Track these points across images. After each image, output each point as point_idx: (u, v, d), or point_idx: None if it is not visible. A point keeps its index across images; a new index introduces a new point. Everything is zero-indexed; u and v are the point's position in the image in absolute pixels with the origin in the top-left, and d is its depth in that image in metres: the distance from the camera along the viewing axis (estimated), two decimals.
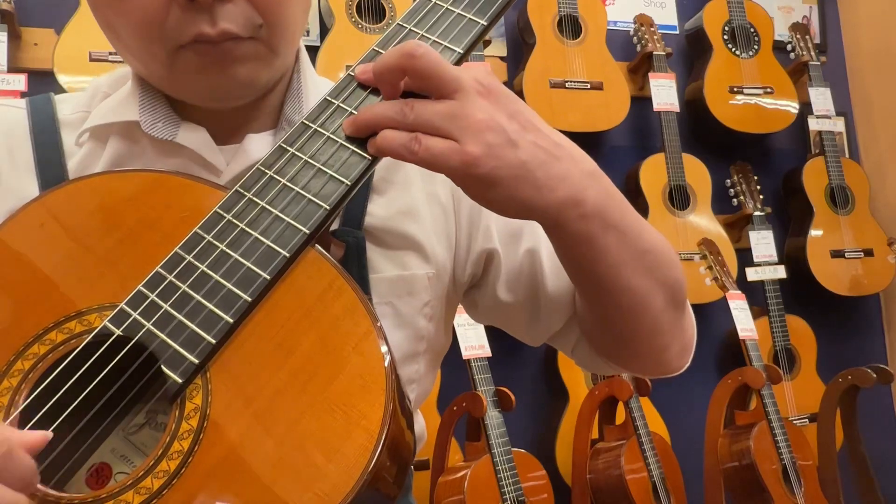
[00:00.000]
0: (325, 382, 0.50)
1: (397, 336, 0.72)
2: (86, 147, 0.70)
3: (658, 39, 2.51)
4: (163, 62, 0.63)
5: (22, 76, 1.91)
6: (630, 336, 0.72)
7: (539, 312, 0.78)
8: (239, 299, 0.53)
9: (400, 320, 0.71)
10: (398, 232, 0.72)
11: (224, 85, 0.65)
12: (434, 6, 0.62)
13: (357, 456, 0.47)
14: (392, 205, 0.73)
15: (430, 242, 0.73)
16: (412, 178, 0.75)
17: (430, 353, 0.77)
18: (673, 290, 0.71)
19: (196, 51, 0.62)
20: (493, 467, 1.85)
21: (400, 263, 0.72)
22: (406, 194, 0.74)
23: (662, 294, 0.69)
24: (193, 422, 0.50)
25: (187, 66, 0.63)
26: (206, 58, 0.62)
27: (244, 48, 0.63)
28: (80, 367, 0.51)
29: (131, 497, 0.47)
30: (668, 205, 2.41)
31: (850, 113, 2.90)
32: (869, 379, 2.20)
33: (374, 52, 0.61)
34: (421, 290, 0.73)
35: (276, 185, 0.57)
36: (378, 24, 2.23)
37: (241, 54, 0.63)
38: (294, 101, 0.72)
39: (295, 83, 0.73)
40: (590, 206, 0.59)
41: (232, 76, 0.64)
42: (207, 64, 0.62)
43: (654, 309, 0.69)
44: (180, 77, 0.64)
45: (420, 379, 0.77)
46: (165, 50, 0.62)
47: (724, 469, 2.17)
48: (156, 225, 0.58)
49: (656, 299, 0.69)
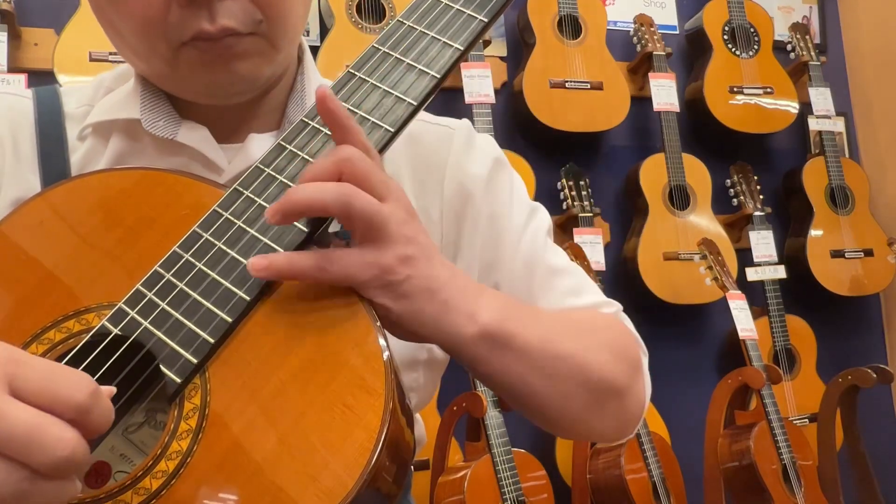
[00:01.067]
0: (324, 382, 0.50)
1: (399, 343, 0.71)
2: (88, 142, 0.70)
3: (658, 39, 2.51)
4: (166, 59, 0.63)
5: (22, 76, 1.91)
6: (556, 427, 0.72)
7: None
8: (237, 298, 0.53)
9: None
10: None
11: (226, 81, 0.65)
12: (434, 2, 0.62)
13: (357, 455, 0.47)
14: None
15: None
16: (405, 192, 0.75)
17: (431, 363, 0.77)
18: (598, 387, 0.68)
19: (197, 48, 0.62)
20: (493, 467, 1.85)
21: None
22: (407, 184, 0.74)
23: (584, 394, 0.67)
24: (192, 422, 0.49)
25: (190, 63, 0.63)
26: (208, 54, 0.62)
27: (245, 44, 0.63)
28: (78, 366, 0.51)
29: (130, 497, 0.47)
30: (668, 205, 2.41)
31: (850, 113, 2.90)
32: (869, 379, 2.20)
33: (373, 48, 0.61)
34: None
35: (275, 182, 0.57)
36: (378, 24, 2.23)
37: (242, 50, 0.63)
38: (297, 103, 0.72)
39: (298, 84, 0.73)
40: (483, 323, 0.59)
41: (234, 72, 0.64)
42: (209, 60, 0.63)
43: (574, 409, 0.68)
44: (183, 74, 0.65)
45: (419, 388, 0.76)
46: (168, 47, 0.62)
47: (724, 469, 2.17)
48: (155, 223, 0.58)
49: (576, 401, 0.67)
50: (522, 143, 2.43)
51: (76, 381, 0.42)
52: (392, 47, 0.62)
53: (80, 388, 0.41)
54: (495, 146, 0.82)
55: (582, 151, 2.51)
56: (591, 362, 0.68)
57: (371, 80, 0.60)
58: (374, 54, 0.61)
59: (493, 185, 0.78)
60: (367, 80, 0.61)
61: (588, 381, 0.67)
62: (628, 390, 0.73)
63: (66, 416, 0.41)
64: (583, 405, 0.68)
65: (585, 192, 2.36)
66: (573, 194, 2.35)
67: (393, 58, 0.61)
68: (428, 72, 0.60)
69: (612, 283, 2.41)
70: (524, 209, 0.80)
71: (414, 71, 0.60)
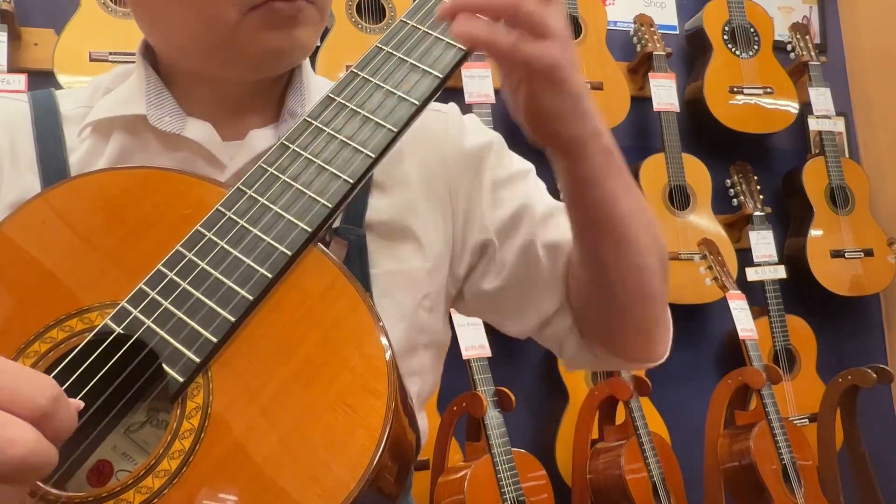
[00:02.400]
0: (326, 382, 0.50)
1: (399, 328, 0.72)
2: (88, 142, 0.70)
3: (658, 39, 2.51)
4: (230, 25, 0.64)
5: (22, 76, 1.91)
6: (627, 302, 0.74)
7: (530, 299, 0.79)
8: (240, 297, 0.53)
9: (401, 313, 0.72)
10: (398, 226, 0.73)
11: (287, 47, 0.67)
12: (438, 2, 0.62)
13: (359, 455, 0.47)
14: (392, 200, 0.74)
15: (427, 237, 0.74)
16: (411, 175, 0.76)
17: (433, 346, 0.77)
18: (662, 254, 0.74)
19: (272, 9, 0.64)
20: (493, 467, 1.85)
21: (400, 257, 0.73)
22: (406, 190, 0.75)
23: (658, 255, 0.72)
24: (195, 421, 0.49)
25: (255, 29, 0.64)
26: (278, 16, 0.64)
27: (309, 11, 0.66)
28: (81, 365, 0.51)
29: (132, 496, 0.47)
30: (668, 205, 2.41)
31: (850, 113, 2.90)
32: (869, 379, 2.20)
33: (376, 48, 0.61)
34: (420, 283, 0.74)
35: (278, 182, 0.57)
36: (378, 24, 2.23)
37: (306, 17, 0.66)
38: (297, 95, 0.73)
39: (297, 78, 0.74)
40: (608, 141, 0.66)
41: (296, 38, 0.67)
42: (277, 24, 0.65)
43: (651, 269, 0.72)
44: (245, 39, 0.65)
45: (423, 372, 0.77)
46: (239, 10, 0.63)
47: (724, 469, 2.17)
48: (158, 222, 0.58)
49: (654, 259, 0.72)
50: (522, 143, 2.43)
51: (39, 385, 0.41)
52: (395, 47, 0.62)
53: (43, 392, 0.41)
54: (480, 123, 0.86)
55: None
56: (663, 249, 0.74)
57: (374, 80, 0.61)
58: (377, 54, 0.61)
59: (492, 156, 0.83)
60: (370, 80, 0.61)
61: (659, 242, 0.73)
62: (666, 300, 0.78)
63: (25, 418, 0.40)
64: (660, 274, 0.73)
65: None
66: None
67: (396, 58, 0.61)
68: (431, 72, 0.60)
69: None
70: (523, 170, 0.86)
71: (417, 71, 0.60)
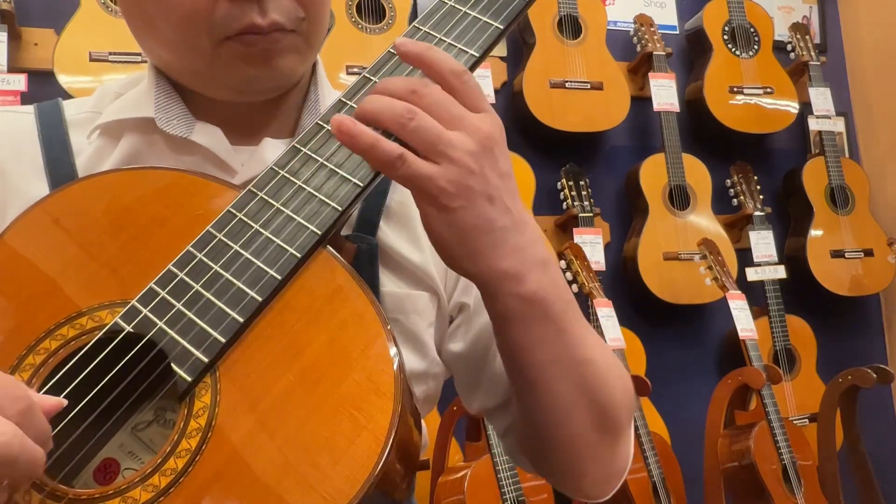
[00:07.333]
0: (333, 384, 0.50)
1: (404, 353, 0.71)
2: (95, 144, 0.70)
3: (658, 39, 2.51)
4: (205, 54, 0.64)
5: (22, 76, 1.91)
6: (547, 446, 0.68)
7: (480, 383, 0.77)
8: (249, 298, 0.53)
9: (405, 337, 0.71)
10: (405, 256, 0.72)
11: (265, 76, 0.66)
12: (450, 9, 0.62)
13: (364, 458, 0.47)
14: (402, 229, 0.73)
15: (430, 272, 0.73)
16: None
17: (435, 377, 0.76)
18: (604, 413, 0.66)
19: (244, 42, 0.63)
20: (493, 467, 1.85)
21: (406, 284, 0.72)
22: (416, 222, 0.73)
23: (589, 413, 0.64)
24: (202, 420, 0.50)
25: (231, 58, 0.64)
26: (253, 48, 0.63)
27: (288, 40, 0.65)
28: (90, 363, 0.51)
29: (138, 494, 0.47)
30: (668, 205, 2.41)
31: (850, 113, 2.90)
32: (869, 379, 2.20)
33: (388, 54, 0.61)
34: (425, 311, 0.73)
35: (289, 185, 0.57)
36: (378, 24, 2.23)
37: (285, 46, 0.65)
38: (311, 114, 0.72)
39: (312, 94, 0.74)
40: (531, 288, 0.58)
41: (274, 67, 0.65)
42: (253, 55, 0.64)
43: (574, 425, 0.65)
44: (220, 70, 0.65)
45: (420, 402, 0.75)
46: (210, 42, 0.63)
47: (724, 469, 2.17)
48: (168, 223, 0.58)
49: (579, 416, 0.64)
50: (522, 143, 2.43)
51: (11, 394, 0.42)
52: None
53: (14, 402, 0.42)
54: None
55: (582, 151, 2.51)
56: (612, 386, 0.66)
57: None
58: (389, 59, 0.61)
59: None
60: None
61: (598, 401, 0.65)
62: (622, 435, 0.71)
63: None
64: (587, 424, 0.65)
65: (585, 192, 2.37)
66: (573, 194, 2.36)
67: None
68: None
69: (613, 283, 2.42)
70: None
71: None
